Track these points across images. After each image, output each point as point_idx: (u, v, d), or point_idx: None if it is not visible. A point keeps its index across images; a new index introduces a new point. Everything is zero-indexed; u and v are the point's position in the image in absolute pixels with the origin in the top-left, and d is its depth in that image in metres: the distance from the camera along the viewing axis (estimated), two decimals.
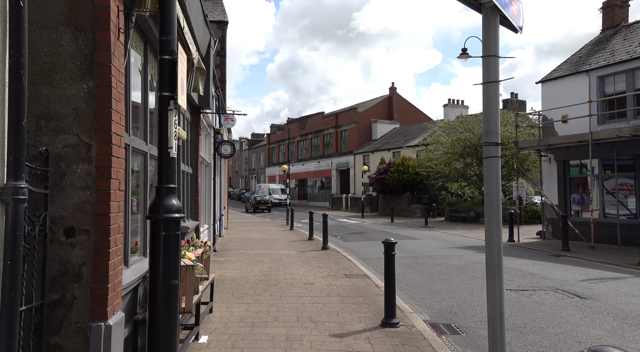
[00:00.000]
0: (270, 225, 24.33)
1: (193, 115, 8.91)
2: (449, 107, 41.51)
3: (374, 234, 19.40)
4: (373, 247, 14.82)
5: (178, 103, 3.34)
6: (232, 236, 18.26)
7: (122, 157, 3.58)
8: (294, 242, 15.93)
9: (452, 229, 21.97)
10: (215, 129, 12.93)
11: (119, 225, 3.52)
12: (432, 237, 17.69)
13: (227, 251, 13.17)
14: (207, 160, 12.67)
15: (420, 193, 33.01)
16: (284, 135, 58.93)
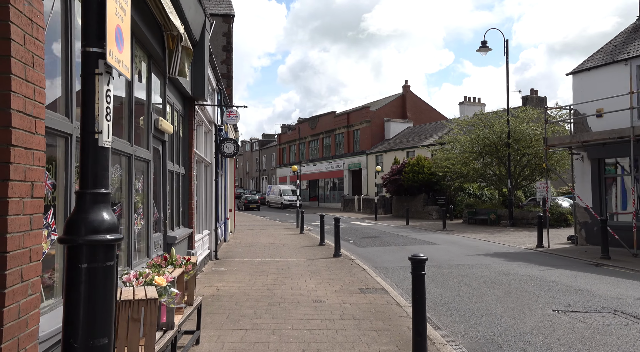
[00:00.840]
0: (279, 228, 23.21)
1: (186, 107, 7.78)
2: (465, 105, 40.03)
3: (390, 238, 18.15)
4: (389, 253, 13.58)
5: (110, 63, 2.17)
6: (238, 240, 17.15)
7: (38, 149, 2.42)
8: (304, 248, 14.77)
9: (472, 232, 20.62)
10: (217, 125, 11.84)
11: (30, 250, 2.37)
12: (453, 242, 16.39)
13: (230, 259, 12.04)
14: (208, 159, 11.57)
15: (436, 194, 31.65)
16: (295, 136, 57.84)
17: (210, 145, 11.73)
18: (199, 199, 10.37)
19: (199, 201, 10.37)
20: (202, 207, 10.51)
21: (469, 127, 26.58)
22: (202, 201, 10.44)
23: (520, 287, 8.52)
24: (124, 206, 4.50)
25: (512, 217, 22.51)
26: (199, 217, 10.35)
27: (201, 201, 10.41)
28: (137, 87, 5.00)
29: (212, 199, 11.71)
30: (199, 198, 10.38)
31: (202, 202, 10.66)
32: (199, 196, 10.38)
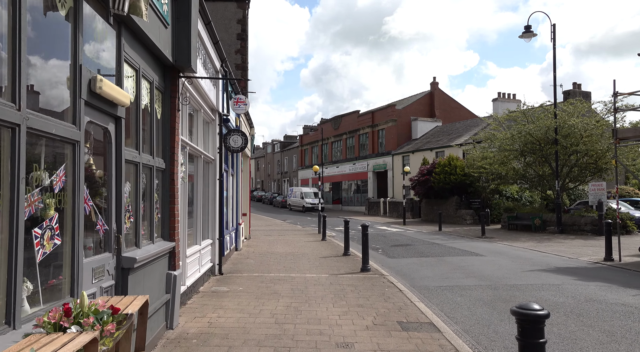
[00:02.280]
0: (299, 234, 21.22)
1: (166, 80, 5.82)
2: (499, 102, 37.41)
3: (424, 247, 15.93)
4: (428, 267, 11.39)
5: None
6: (251, 248, 15.20)
7: None
8: (326, 259, 12.71)
9: (515, 240, 18.20)
10: (221, 114, 9.92)
11: None
12: (499, 253, 14.07)
13: (237, 274, 10.07)
14: (210, 155, 9.63)
15: (469, 197, 29.18)
16: (317, 136, 55.90)
17: (213, 137, 9.80)
18: (196, 202, 8.43)
19: (197, 205, 8.43)
20: (201, 213, 8.56)
21: (509, 123, 24.10)
22: (200, 204, 8.49)
23: (622, 325, 6.27)
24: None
25: (560, 222, 19.97)
26: (197, 226, 8.40)
27: (199, 205, 8.46)
28: (53, 20, 3.05)
29: (216, 202, 9.77)
30: (197, 201, 8.44)
31: (201, 207, 8.71)
32: (197, 198, 8.44)
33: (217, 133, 9.90)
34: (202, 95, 8.27)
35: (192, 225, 8.37)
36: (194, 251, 7.79)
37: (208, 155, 9.35)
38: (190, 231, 8.19)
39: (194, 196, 8.37)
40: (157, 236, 5.47)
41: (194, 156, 8.37)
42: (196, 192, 8.39)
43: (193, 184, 8.39)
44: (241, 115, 14.98)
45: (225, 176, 12.65)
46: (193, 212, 8.38)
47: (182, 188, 6.94)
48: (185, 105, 6.28)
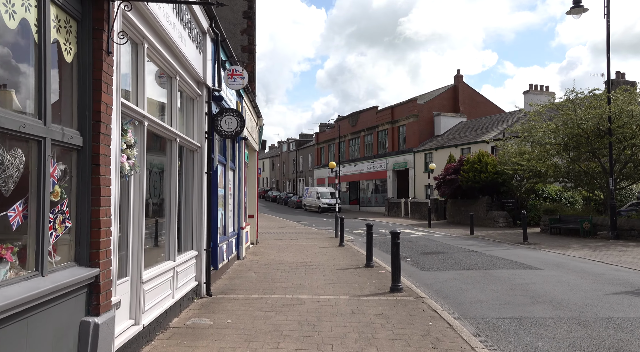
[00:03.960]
0: (314, 237, 18.90)
1: (85, 2, 3.53)
2: (530, 94, 34.59)
3: (460, 255, 13.45)
4: (475, 285, 8.94)
5: None
6: (257, 256, 12.93)
7: None
8: (344, 271, 10.36)
9: (565, 247, 15.59)
10: (211, 89, 7.65)
11: None
12: (556, 265, 11.52)
13: (232, 295, 7.79)
14: (194, 141, 7.38)
15: (501, 197, 26.49)
16: (334, 134, 53.55)
17: (199, 119, 7.53)
18: (168, 202, 6.15)
19: (169, 207, 6.15)
20: (175, 217, 6.25)
21: (551, 113, 21.40)
22: (173, 206, 6.18)
23: None
24: None
25: (615, 227, 17.25)
26: (169, 235, 6.12)
27: (172, 207, 6.16)
28: None
29: (202, 202, 7.49)
30: (169, 202, 6.16)
31: (176, 209, 6.41)
32: (169, 198, 6.16)
33: (204, 113, 7.62)
34: (176, 54, 5.99)
35: (163, 234, 6.11)
36: (161, 271, 5.51)
37: (190, 140, 7.08)
38: (158, 242, 5.92)
39: (167, 193, 6.11)
40: (59, 260, 3.19)
41: (167, 140, 6.10)
42: (169, 190, 6.12)
43: (165, 178, 6.13)
44: (245, 101, 12.72)
45: (223, 171, 10.41)
46: (166, 217, 6.12)
47: (134, 182, 4.67)
48: (122, 45, 3.98)
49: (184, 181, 7.32)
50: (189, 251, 7.24)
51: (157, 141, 5.93)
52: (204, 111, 7.63)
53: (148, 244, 5.54)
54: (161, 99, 6.10)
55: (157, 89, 5.98)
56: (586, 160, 20.48)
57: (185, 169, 7.36)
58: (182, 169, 7.30)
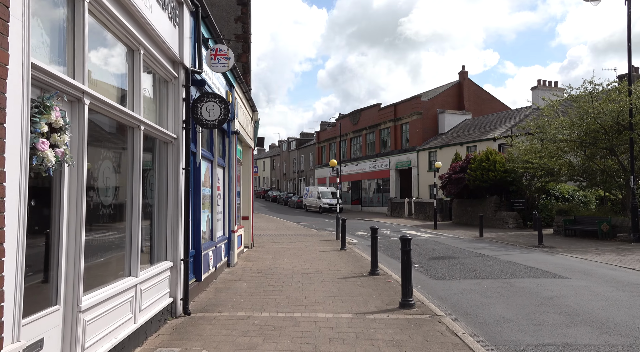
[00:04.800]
0: (314, 240, 17.73)
1: None
2: (539, 90, 33.33)
3: (473, 260, 12.28)
4: (497, 298, 7.76)
5: None
6: (250, 262, 11.78)
7: None
8: (347, 281, 9.19)
9: (585, 251, 14.41)
10: (189, 70, 6.49)
11: None
12: (583, 273, 10.34)
13: (214, 313, 6.63)
14: (168, 131, 6.22)
15: (510, 197, 25.28)
16: (335, 132, 52.36)
17: (175, 105, 6.37)
18: (130, 205, 4.98)
19: (130, 210, 4.98)
20: (138, 222, 5.08)
21: (566, 107, 20.17)
22: (136, 208, 5.01)
23: None
24: None
25: (637, 228, 16.05)
26: (130, 244, 4.95)
27: (135, 209, 4.99)
28: None
29: (179, 203, 6.33)
30: (130, 204, 4.99)
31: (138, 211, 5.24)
32: (130, 199, 4.98)
33: (181, 98, 6.45)
34: (137, 20, 4.82)
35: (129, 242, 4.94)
36: (114, 292, 4.35)
37: (161, 130, 5.91)
38: (115, 254, 4.77)
39: (128, 194, 4.95)
40: None
41: (128, 127, 4.94)
42: (130, 189, 4.96)
43: (126, 174, 4.97)
44: (236, 92, 11.56)
45: (210, 168, 9.25)
46: (126, 223, 4.95)
47: (69, 179, 3.51)
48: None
49: (157, 179, 6.17)
50: (161, 262, 6.08)
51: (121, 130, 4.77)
52: (181, 96, 6.46)
53: (100, 257, 4.38)
54: (122, 77, 4.94)
55: (118, 65, 4.83)
56: (603, 158, 19.29)
57: (158, 165, 6.20)
58: (155, 164, 6.16)
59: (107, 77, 4.58)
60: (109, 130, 4.69)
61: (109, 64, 4.65)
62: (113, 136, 4.82)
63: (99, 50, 4.42)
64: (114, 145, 4.80)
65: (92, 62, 4.10)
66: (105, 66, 4.56)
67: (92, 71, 4.14)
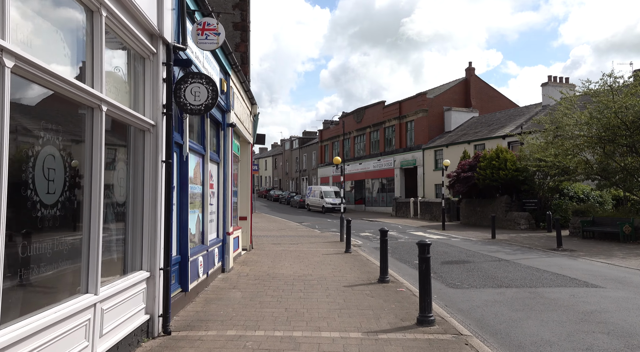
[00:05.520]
0: (317, 241, 16.73)
1: None
2: (549, 86, 32.26)
3: (490, 265, 11.26)
4: (528, 312, 6.75)
5: None
6: (248, 267, 10.80)
7: None
8: (354, 289, 8.18)
9: (609, 254, 13.38)
10: (171, 46, 5.51)
11: None
12: (618, 281, 9.30)
13: (199, 333, 5.64)
14: (145, 117, 5.24)
15: (522, 196, 24.22)
16: (338, 131, 51.36)
17: (154, 86, 5.39)
18: (88, 205, 3.99)
19: (88, 211, 3.99)
20: (95, 225, 4.07)
21: (585, 101, 19.10)
22: (94, 208, 4.01)
23: None
24: None
25: None
26: (89, 253, 3.95)
27: (92, 210, 3.99)
28: None
29: (158, 203, 5.34)
30: (89, 203, 3.99)
31: (98, 213, 4.25)
32: (89, 197, 3.99)
33: (160, 78, 5.46)
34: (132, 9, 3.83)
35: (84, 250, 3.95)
36: (59, 317, 3.36)
37: (135, 114, 4.92)
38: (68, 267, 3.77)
39: (87, 190, 3.97)
40: None
41: (87, 107, 3.95)
42: (89, 184, 3.97)
43: (84, 166, 3.98)
44: (232, 81, 10.58)
45: (200, 163, 8.27)
46: (84, 226, 3.97)
47: None
48: None
49: (131, 174, 5.18)
50: (135, 272, 5.09)
51: None
52: (161, 76, 5.47)
53: (44, 271, 3.40)
54: (77, 45, 3.95)
55: (73, 29, 3.84)
56: (622, 155, 18.23)
57: (132, 157, 5.21)
58: (129, 156, 5.17)
59: (53, 42, 3.59)
60: (63, 111, 3.71)
61: (59, 26, 3.66)
62: (66, 118, 3.83)
63: (43, 5, 3.43)
64: (66, 129, 3.80)
65: (28, 19, 3.11)
66: (52, 27, 3.57)
67: (30, 33, 3.15)
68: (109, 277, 4.58)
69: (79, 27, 3.95)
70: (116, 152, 4.79)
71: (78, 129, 3.96)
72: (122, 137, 5.03)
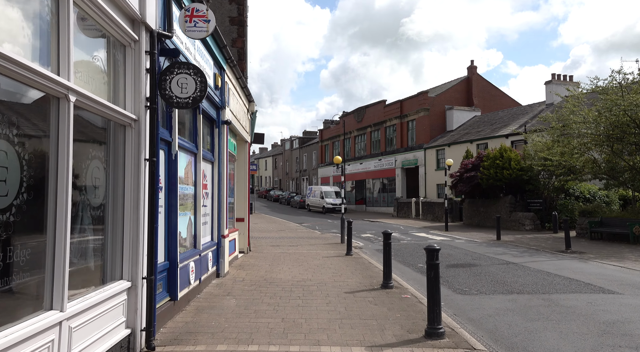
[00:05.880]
0: (317, 243, 16.22)
1: None
2: (553, 84, 31.76)
3: (498, 269, 10.76)
4: (545, 322, 6.25)
5: None
6: (244, 271, 10.30)
7: None
8: (356, 296, 7.68)
9: (620, 257, 12.88)
10: (156, 33, 5.02)
11: None
12: (637, 287, 8.79)
13: (187, 348, 5.14)
14: (126, 112, 4.76)
15: (526, 197, 23.71)
16: (339, 130, 50.86)
17: (136, 77, 4.91)
18: (53, 207, 3.50)
19: (53, 213, 3.50)
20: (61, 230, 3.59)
21: (592, 98, 18.60)
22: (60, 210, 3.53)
23: None
24: None
25: None
26: (53, 263, 3.47)
27: (57, 212, 3.50)
28: None
29: (140, 205, 4.85)
30: (54, 204, 3.51)
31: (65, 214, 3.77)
32: (54, 197, 3.51)
33: (143, 69, 4.96)
34: None
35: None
36: (10, 342, 2.86)
37: (114, 107, 4.44)
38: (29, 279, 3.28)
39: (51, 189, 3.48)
40: None
41: (51, 97, 3.46)
42: (54, 181, 3.48)
43: (50, 162, 3.49)
44: (228, 76, 10.10)
45: (193, 162, 7.78)
46: (48, 231, 3.47)
47: None
48: None
49: (110, 174, 4.69)
50: (115, 282, 4.60)
51: None
52: (143, 66, 4.97)
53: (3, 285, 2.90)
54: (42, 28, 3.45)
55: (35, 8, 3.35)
56: (631, 154, 17.72)
57: (112, 155, 4.72)
58: (109, 154, 4.68)
59: (9, 21, 3.10)
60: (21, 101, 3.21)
61: (18, 5, 3.17)
62: (25, 109, 3.33)
63: None
64: (24, 122, 3.30)
65: None
66: (7, 2, 3.08)
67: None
68: (83, 289, 4.09)
69: (44, 7, 3.45)
70: (91, 149, 4.29)
71: (42, 122, 3.47)
72: (99, 133, 4.54)
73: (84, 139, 4.16)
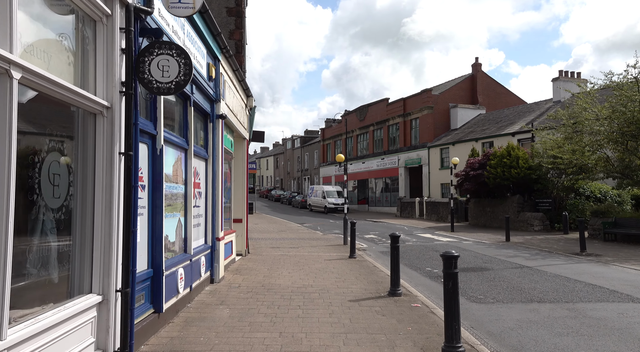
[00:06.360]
0: (319, 245, 15.53)
1: None
2: (560, 81, 31.02)
3: (512, 274, 10.06)
4: (574, 336, 5.55)
5: None
6: (241, 276, 9.62)
7: None
8: (361, 305, 7.00)
9: (638, 260, 12.17)
10: (132, 6, 4.34)
11: None
12: None
13: None
14: (98, 98, 4.07)
15: (535, 196, 22.98)
16: (341, 129, 50.16)
17: (108, 57, 4.23)
18: None
19: None
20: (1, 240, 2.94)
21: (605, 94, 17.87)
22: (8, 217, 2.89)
23: None
24: None
25: None
26: None
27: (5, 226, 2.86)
28: None
29: (113, 205, 4.17)
30: None
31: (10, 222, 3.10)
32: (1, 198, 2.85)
33: (117, 48, 4.28)
34: None
35: None
36: None
37: (81, 92, 3.76)
38: None
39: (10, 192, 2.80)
40: None
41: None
42: None
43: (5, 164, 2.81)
44: (223, 67, 9.41)
45: (183, 158, 7.11)
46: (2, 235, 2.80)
47: None
48: None
49: (78, 170, 4.01)
50: (82, 296, 3.92)
51: None
52: (118, 46, 4.29)
53: None
54: None
55: None
56: None
57: (80, 148, 4.04)
58: (76, 148, 4.00)
59: None
60: None
61: None
62: None
63: None
64: None
65: None
66: None
67: None
68: (39, 307, 3.41)
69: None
70: (48, 140, 3.61)
71: None
72: (62, 122, 3.86)
73: (38, 129, 3.48)
